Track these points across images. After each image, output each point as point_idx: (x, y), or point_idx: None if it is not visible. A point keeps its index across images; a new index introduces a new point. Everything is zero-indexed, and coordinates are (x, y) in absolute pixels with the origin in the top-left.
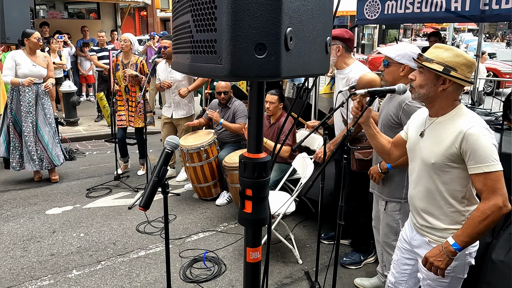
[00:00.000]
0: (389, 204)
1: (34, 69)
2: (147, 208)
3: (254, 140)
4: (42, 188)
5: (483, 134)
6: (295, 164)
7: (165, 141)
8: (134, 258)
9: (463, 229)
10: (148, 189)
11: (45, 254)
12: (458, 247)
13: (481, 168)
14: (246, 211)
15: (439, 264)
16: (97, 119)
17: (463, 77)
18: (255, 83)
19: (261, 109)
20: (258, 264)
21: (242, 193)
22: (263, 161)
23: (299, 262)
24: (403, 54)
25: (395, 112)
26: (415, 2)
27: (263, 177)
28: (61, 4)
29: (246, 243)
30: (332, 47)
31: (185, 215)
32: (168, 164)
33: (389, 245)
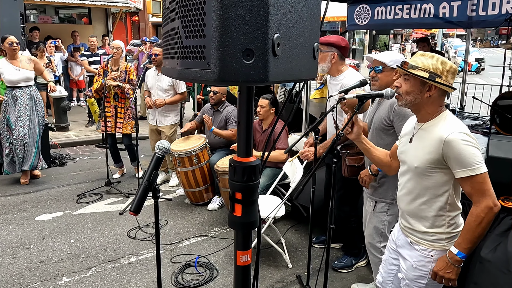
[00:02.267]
0: (378, 204)
1: (18, 73)
2: (137, 212)
3: (243, 144)
4: (32, 194)
5: (461, 139)
6: (286, 169)
7: (155, 146)
8: (125, 264)
9: (463, 236)
10: (139, 193)
11: (34, 261)
12: (463, 255)
13: (466, 172)
14: (236, 214)
15: (450, 275)
16: (88, 124)
17: (447, 83)
18: (244, 88)
19: (250, 113)
20: (248, 267)
21: (232, 196)
22: (253, 165)
23: (289, 266)
24: (395, 59)
25: (387, 114)
26: (404, 8)
27: (253, 181)
28: (52, 9)
29: (236, 246)
30: (327, 53)
31: (176, 220)
32: (158, 169)
33: (374, 247)
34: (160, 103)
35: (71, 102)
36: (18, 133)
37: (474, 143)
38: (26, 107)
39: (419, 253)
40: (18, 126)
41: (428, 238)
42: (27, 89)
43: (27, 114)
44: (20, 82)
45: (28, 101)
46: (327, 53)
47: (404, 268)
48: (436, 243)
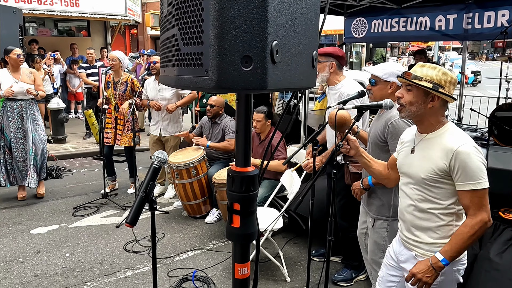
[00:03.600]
0: (377, 221)
1: (16, 85)
2: (134, 224)
3: (242, 154)
4: (27, 207)
5: (472, 153)
6: (283, 180)
7: (153, 156)
8: (121, 279)
9: (452, 245)
10: (135, 205)
11: (28, 275)
12: (447, 262)
13: (468, 185)
14: (234, 225)
15: (428, 279)
16: (85, 137)
17: (449, 93)
18: (242, 96)
19: (249, 122)
20: (246, 281)
21: (230, 207)
22: (251, 175)
23: (287, 280)
24: (389, 72)
25: (382, 131)
26: (401, 21)
27: (251, 191)
28: (51, 22)
29: (234, 259)
30: (325, 63)
31: (174, 233)
32: (156, 180)
33: (376, 263)
34: (172, 107)
35: (68, 114)
36: (16, 145)
37: (482, 158)
38: (20, 121)
39: None
40: (12, 138)
41: (435, 249)
42: (23, 102)
43: (20, 128)
44: (17, 95)
45: (24, 114)
46: (325, 63)
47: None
48: None
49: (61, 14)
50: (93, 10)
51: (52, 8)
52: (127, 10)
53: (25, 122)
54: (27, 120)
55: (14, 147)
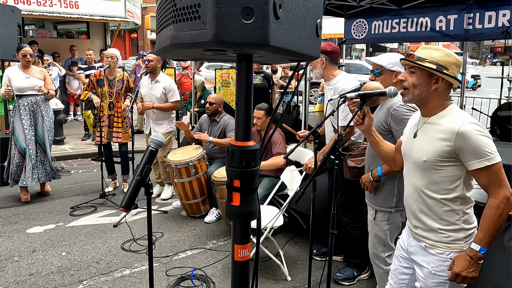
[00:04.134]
0: (378, 213)
1: (27, 80)
2: (128, 208)
3: (242, 127)
4: (24, 207)
5: (475, 129)
6: (284, 177)
7: (149, 139)
8: (118, 277)
9: (483, 231)
10: (131, 188)
11: (23, 274)
12: (486, 250)
13: (482, 162)
14: (234, 204)
15: (473, 274)
16: (84, 138)
17: (454, 75)
18: (243, 66)
19: (250, 94)
20: (247, 263)
21: (230, 185)
22: (252, 149)
23: (288, 279)
24: (394, 61)
25: (384, 119)
26: (401, 22)
27: (252, 167)
28: (51, 24)
29: (234, 240)
30: (316, 60)
31: (172, 232)
32: (152, 163)
33: (377, 257)
34: (147, 105)
35: (67, 116)
36: (31, 143)
37: (486, 133)
38: (33, 116)
39: (436, 258)
40: (20, 138)
41: (445, 239)
42: (33, 98)
43: (32, 124)
44: (28, 90)
45: (35, 110)
46: (316, 60)
47: (422, 276)
48: (453, 244)
49: (61, 15)
50: (93, 12)
51: (52, 9)
52: (126, 12)
53: (37, 118)
54: (38, 116)
55: (29, 143)
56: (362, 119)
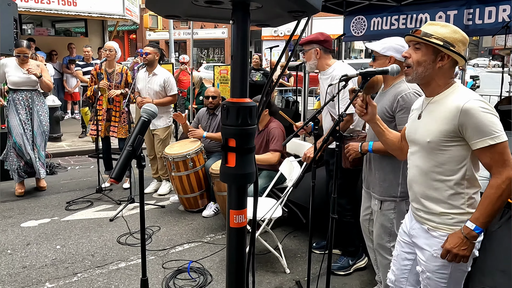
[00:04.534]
0: (384, 203)
1: (24, 76)
2: (119, 180)
3: (238, 83)
4: (19, 201)
5: (480, 107)
6: (282, 169)
7: (141, 109)
8: (113, 270)
9: (481, 210)
10: (122, 159)
11: (16, 267)
12: (480, 230)
13: (485, 141)
14: (229, 165)
15: (465, 252)
16: (81, 135)
17: (460, 53)
18: (239, 16)
19: (246, 47)
20: (243, 230)
21: (225, 145)
22: (248, 106)
23: (286, 271)
24: (388, 46)
25: (390, 105)
26: (400, 19)
27: (249, 125)
28: (48, 22)
29: (229, 205)
30: (310, 51)
31: (169, 226)
32: (144, 134)
33: (383, 247)
34: (147, 101)
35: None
36: (18, 141)
37: (492, 110)
38: (27, 112)
39: (438, 240)
40: (16, 132)
41: (448, 221)
42: (29, 93)
43: (28, 119)
44: (24, 85)
45: (31, 105)
46: (310, 51)
47: (423, 260)
48: (457, 226)
49: (59, 12)
50: (91, 10)
51: (49, 6)
52: (125, 10)
53: (32, 113)
54: (33, 111)
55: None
56: (366, 108)
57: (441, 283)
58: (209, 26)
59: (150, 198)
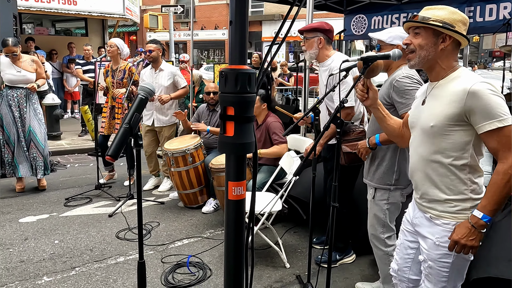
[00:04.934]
0: (378, 192)
1: (19, 74)
2: (115, 157)
3: (237, 49)
4: (17, 198)
5: (488, 89)
6: (282, 163)
7: (139, 87)
8: (112, 264)
9: (488, 198)
10: (118, 136)
11: (14, 261)
12: (488, 218)
13: (493, 123)
14: (228, 134)
15: (473, 243)
16: (81, 134)
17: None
18: None
19: (245, 11)
20: (242, 203)
21: (223, 114)
22: (247, 72)
23: (287, 266)
24: (394, 35)
25: (387, 92)
26: (401, 17)
27: (248, 92)
28: (49, 22)
29: (228, 177)
30: (313, 39)
31: (169, 222)
32: (141, 111)
33: (377, 238)
34: (166, 98)
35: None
36: (9, 136)
37: (499, 93)
38: (22, 109)
39: (441, 228)
40: (11, 128)
41: (451, 209)
42: (24, 91)
43: (20, 117)
44: (19, 83)
45: (24, 103)
46: (313, 39)
47: (425, 248)
48: (460, 214)
49: (59, 11)
50: (91, 9)
51: (50, 5)
52: (125, 9)
53: (26, 111)
54: (28, 110)
55: (20, 135)
56: (367, 93)
57: (443, 272)
58: (209, 27)
59: (149, 194)
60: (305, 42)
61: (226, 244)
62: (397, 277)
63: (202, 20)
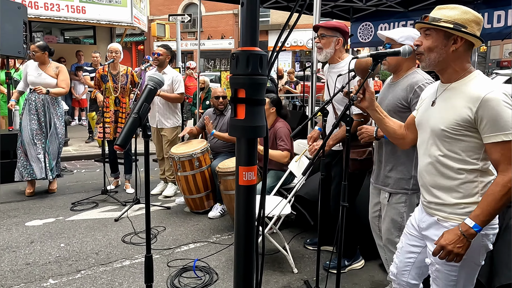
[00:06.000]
0: (394, 196)
1: (39, 77)
2: (124, 146)
3: (248, 31)
4: (24, 202)
5: (503, 99)
6: (291, 166)
7: (147, 78)
8: (117, 268)
9: (483, 208)
10: (127, 126)
11: (19, 264)
12: (479, 228)
13: (498, 136)
14: (239, 117)
15: (460, 250)
16: (88, 140)
17: (474, 33)
18: None
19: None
20: (253, 189)
21: (234, 97)
22: (259, 54)
23: (294, 271)
24: (406, 35)
25: (405, 96)
26: (408, 25)
27: (259, 74)
28: (58, 30)
29: (239, 161)
30: (331, 38)
31: (175, 227)
32: (150, 102)
33: (392, 242)
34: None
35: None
36: (25, 139)
37: None
38: (41, 113)
39: None
40: (24, 132)
41: (459, 211)
42: (42, 95)
43: (39, 120)
44: (38, 85)
45: (44, 107)
46: (331, 38)
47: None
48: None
49: (68, 19)
50: (99, 17)
51: (59, 14)
52: (133, 18)
53: (45, 115)
54: (47, 113)
55: (36, 138)
56: (363, 94)
57: (451, 275)
58: (216, 36)
59: (155, 199)
60: (321, 39)
61: (236, 231)
62: (396, 281)
63: (208, 29)
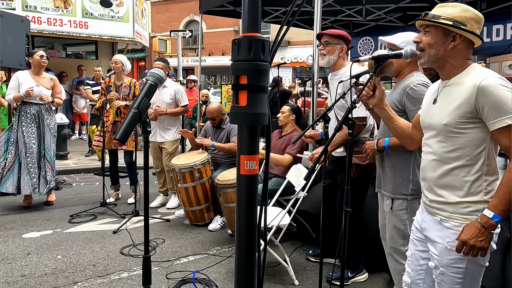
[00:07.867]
0: (395, 202)
1: (36, 89)
2: (123, 142)
3: (250, 17)
4: (22, 214)
5: (499, 84)
6: (289, 176)
7: (148, 73)
8: (115, 280)
9: (500, 197)
10: (126, 121)
11: (15, 275)
12: (500, 218)
13: (503, 121)
14: (241, 104)
15: (482, 244)
16: (87, 154)
17: (473, 31)
18: None
19: None
20: (254, 178)
21: (236, 84)
22: (261, 39)
23: (295, 283)
24: (407, 40)
25: (399, 99)
26: None
27: (261, 60)
28: (60, 45)
29: (240, 150)
30: (336, 46)
31: (174, 239)
32: (151, 97)
33: (397, 251)
34: (161, 111)
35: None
36: (29, 150)
37: (511, 87)
38: (34, 126)
39: (452, 231)
40: (31, 144)
41: (462, 210)
42: (37, 107)
43: (33, 133)
44: (35, 98)
45: (38, 120)
46: (336, 46)
47: (436, 254)
48: (472, 215)
49: (70, 34)
50: (102, 32)
51: (62, 29)
52: (134, 33)
53: (39, 128)
54: (40, 126)
55: (28, 151)
56: (373, 91)
57: (457, 279)
58: (217, 53)
59: (155, 212)
60: (326, 46)
61: (238, 225)
62: None
63: (209, 46)
